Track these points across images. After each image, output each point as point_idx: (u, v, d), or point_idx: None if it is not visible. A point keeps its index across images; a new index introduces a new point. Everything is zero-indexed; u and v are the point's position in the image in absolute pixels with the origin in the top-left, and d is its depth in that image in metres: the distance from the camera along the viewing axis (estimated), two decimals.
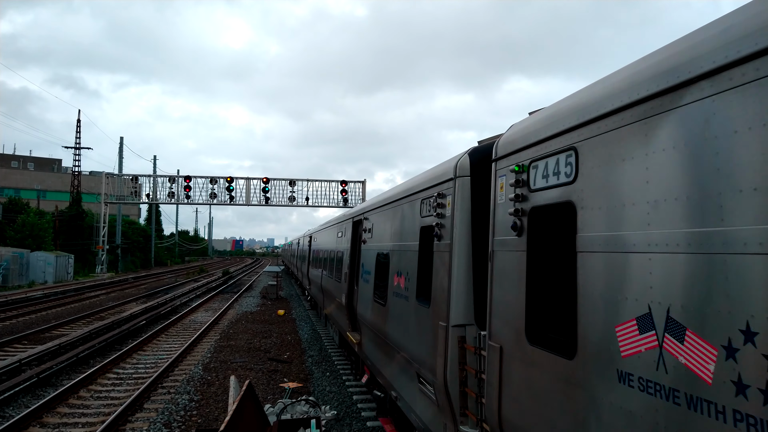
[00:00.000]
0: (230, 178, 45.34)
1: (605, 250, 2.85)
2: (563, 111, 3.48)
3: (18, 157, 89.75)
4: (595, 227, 2.97)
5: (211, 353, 15.52)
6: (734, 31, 2.22)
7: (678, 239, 2.35)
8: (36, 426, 9.31)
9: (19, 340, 16.75)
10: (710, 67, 2.27)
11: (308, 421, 7.82)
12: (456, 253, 4.94)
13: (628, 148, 2.74)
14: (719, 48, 2.25)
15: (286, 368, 13.90)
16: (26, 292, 31.98)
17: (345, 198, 46.80)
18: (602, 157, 2.95)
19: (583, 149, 3.15)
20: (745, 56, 2.11)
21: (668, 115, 2.49)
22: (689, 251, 2.28)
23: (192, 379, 12.50)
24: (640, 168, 2.63)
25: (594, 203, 3.00)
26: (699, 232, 2.24)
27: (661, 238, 2.45)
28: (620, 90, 2.87)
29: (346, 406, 10.59)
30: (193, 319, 22.82)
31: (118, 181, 46.82)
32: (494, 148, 4.48)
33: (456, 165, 5.14)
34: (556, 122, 3.49)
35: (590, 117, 3.09)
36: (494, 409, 4.02)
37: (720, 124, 2.19)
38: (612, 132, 2.89)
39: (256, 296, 33.63)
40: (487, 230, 4.42)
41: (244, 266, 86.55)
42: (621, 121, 2.82)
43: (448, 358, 4.81)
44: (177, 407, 10.38)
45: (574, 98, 3.48)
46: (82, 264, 52.59)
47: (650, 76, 2.64)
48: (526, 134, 3.93)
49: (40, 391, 11.36)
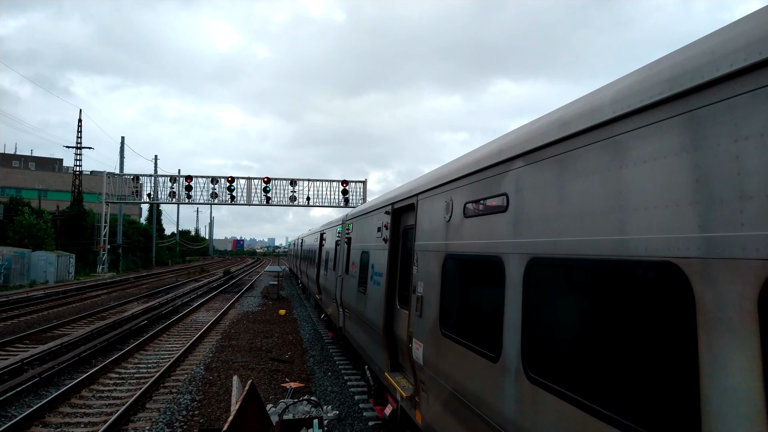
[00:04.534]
0: (231, 177, 45.37)
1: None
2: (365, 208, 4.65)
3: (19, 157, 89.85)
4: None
5: (212, 353, 15.52)
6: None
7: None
8: (38, 425, 9.31)
9: (21, 340, 16.76)
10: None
11: (310, 421, 7.82)
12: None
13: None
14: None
15: (288, 368, 13.90)
16: (27, 292, 32.01)
17: (346, 198, 46.81)
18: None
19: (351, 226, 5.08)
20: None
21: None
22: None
23: (194, 379, 12.51)
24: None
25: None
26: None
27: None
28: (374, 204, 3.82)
29: (348, 406, 10.58)
30: (195, 318, 22.83)
31: (119, 180, 46.86)
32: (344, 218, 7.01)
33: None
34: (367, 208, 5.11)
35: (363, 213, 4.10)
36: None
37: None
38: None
39: (257, 296, 33.64)
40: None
41: (245, 266, 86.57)
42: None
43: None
44: (179, 407, 10.38)
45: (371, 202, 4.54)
46: (83, 264, 52.63)
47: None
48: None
49: (42, 391, 11.36)
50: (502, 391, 3.65)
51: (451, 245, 5.03)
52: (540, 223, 3.34)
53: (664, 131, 2.33)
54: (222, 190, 45.29)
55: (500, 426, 3.65)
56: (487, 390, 3.92)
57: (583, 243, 2.83)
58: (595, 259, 2.70)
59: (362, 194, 47.02)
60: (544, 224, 3.28)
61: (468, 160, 4.92)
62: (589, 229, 2.80)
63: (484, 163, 4.39)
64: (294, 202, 46.42)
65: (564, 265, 3.04)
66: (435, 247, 5.51)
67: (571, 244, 2.94)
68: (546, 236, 3.23)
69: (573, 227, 2.95)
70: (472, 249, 4.51)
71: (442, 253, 5.23)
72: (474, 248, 4.46)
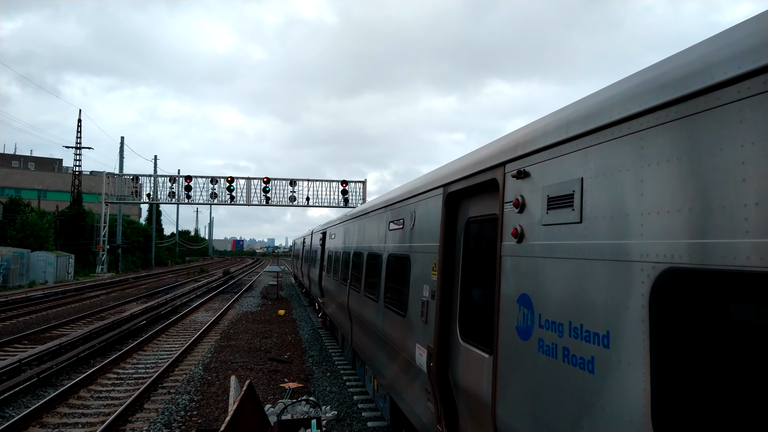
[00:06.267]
0: (231, 178, 45.35)
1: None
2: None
3: (19, 157, 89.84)
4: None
5: (211, 353, 15.50)
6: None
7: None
8: (36, 426, 9.29)
9: (20, 340, 16.73)
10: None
11: (309, 422, 7.80)
12: None
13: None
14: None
15: (287, 368, 13.88)
16: (27, 292, 31.98)
17: (346, 198, 46.79)
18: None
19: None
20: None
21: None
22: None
23: (192, 380, 12.48)
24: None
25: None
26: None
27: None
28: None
29: (347, 407, 10.56)
30: (194, 319, 22.80)
31: (118, 180, 46.81)
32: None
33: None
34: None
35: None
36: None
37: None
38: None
39: (256, 296, 33.61)
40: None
41: (245, 266, 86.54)
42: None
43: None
44: (177, 407, 10.36)
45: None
46: (82, 264, 52.61)
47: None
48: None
49: (40, 391, 11.33)
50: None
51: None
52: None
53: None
54: (221, 190, 45.27)
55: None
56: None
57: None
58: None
59: (362, 194, 47.01)
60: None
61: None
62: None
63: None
64: (293, 203, 46.42)
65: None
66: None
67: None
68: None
69: None
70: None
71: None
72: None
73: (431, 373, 5.11)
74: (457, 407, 4.79)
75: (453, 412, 4.86)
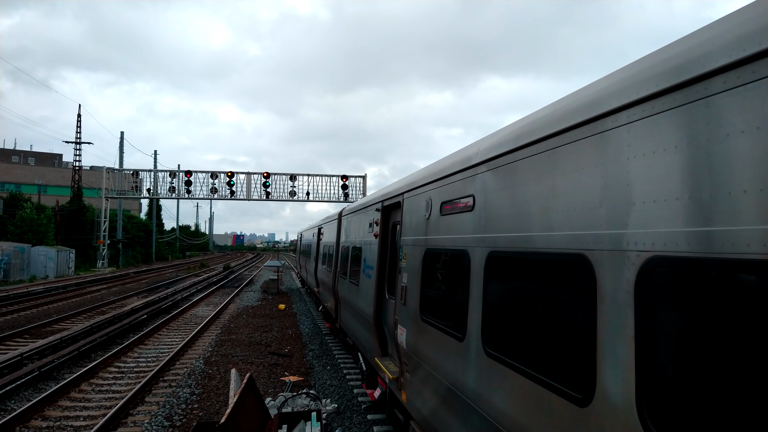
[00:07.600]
0: (231, 173, 45.30)
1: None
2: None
3: (19, 152, 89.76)
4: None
5: (212, 347, 15.55)
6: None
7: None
8: (38, 419, 9.34)
9: (21, 335, 16.79)
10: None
11: (309, 414, 7.84)
12: None
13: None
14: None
15: (287, 362, 13.93)
16: (27, 287, 32.05)
17: (346, 193, 46.77)
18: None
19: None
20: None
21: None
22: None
23: (193, 373, 12.53)
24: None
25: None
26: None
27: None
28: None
29: (347, 400, 10.61)
30: (194, 313, 22.86)
31: (118, 175, 46.76)
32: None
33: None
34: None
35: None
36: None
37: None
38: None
39: (257, 291, 33.68)
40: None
41: (245, 261, 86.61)
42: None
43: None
44: (178, 401, 10.41)
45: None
46: (83, 259, 52.69)
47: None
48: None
49: (41, 385, 11.39)
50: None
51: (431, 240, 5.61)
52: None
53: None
54: (221, 185, 45.20)
55: (462, 393, 4.31)
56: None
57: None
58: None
59: (362, 189, 46.99)
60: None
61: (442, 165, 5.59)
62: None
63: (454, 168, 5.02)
64: (293, 197, 46.40)
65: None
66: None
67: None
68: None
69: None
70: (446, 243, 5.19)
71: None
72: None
73: (374, 318, 8.14)
74: (386, 338, 7.83)
75: (384, 339, 8.01)
